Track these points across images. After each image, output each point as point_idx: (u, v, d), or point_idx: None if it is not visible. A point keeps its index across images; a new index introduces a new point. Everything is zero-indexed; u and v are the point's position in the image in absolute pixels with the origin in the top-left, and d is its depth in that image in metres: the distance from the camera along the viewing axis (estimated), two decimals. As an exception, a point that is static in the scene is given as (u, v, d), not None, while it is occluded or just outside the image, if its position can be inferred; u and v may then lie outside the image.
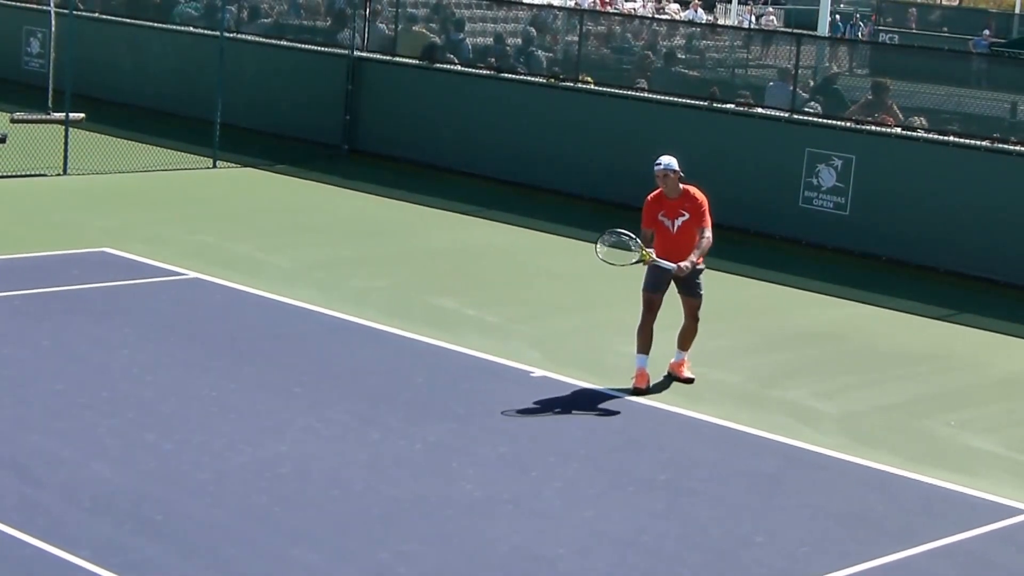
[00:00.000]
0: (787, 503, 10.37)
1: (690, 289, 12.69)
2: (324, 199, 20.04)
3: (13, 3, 27.05)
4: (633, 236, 12.48)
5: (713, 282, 16.83)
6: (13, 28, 26.43)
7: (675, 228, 12.48)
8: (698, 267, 12.57)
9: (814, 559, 9.44)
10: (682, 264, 12.33)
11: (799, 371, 13.70)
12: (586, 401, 12.23)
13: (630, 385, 12.43)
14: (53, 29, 20.60)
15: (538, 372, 12.84)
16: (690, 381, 12.73)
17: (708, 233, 12.46)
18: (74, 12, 21.13)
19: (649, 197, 12.70)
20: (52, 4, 20.91)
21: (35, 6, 25.96)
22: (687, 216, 12.44)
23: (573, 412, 11.98)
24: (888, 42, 38.60)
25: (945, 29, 43.17)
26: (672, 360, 12.90)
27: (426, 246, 17.73)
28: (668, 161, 12.62)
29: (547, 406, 12.03)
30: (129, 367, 12.01)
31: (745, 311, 15.74)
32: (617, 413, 11.99)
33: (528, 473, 10.51)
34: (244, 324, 13.68)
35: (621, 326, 14.64)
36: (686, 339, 12.85)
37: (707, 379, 13.09)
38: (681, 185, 12.59)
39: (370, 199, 20.09)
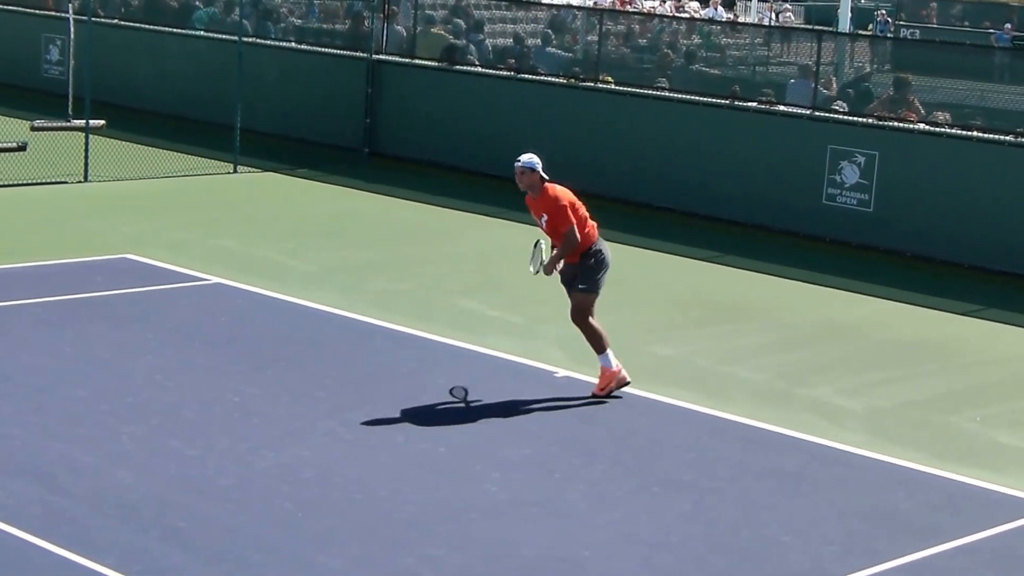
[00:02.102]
0: (813, 501, 10.30)
1: (575, 283, 12.23)
2: (345, 202, 20.03)
3: (32, 11, 27.11)
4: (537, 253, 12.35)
5: (737, 280, 16.86)
6: (32, 36, 26.48)
7: (543, 226, 12.21)
8: (585, 263, 12.11)
9: (840, 558, 9.38)
10: (546, 264, 12.17)
11: (823, 368, 13.62)
12: (611, 401, 12.17)
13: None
14: (72, 36, 20.61)
15: (562, 372, 12.79)
16: (595, 396, 12.08)
17: (570, 234, 11.97)
18: (93, 19, 21.15)
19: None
20: (71, 11, 20.92)
21: (54, 13, 26.01)
22: (546, 218, 12.09)
23: (598, 413, 11.93)
24: (909, 37, 38.45)
25: (966, 23, 42.97)
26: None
27: (448, 248, 17.70)
28: (526, 159, 12.06)
29: (572, 407, 11.99)
30: (152, 373, 12.00)
31: (769, 309, 15.67)
32: (642, 413, 11.94)
33: (553, 475, 10.46)
34: (266, 329, 13.66)
35: (647, 326, 14.61)
36: (588, 343, 12.19)
37: (732, 377, 13.03)
38: (545, 186, 12.08)
39: (391, 202, 20.08)
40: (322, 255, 16.73)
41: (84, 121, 20.14)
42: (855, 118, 18.81)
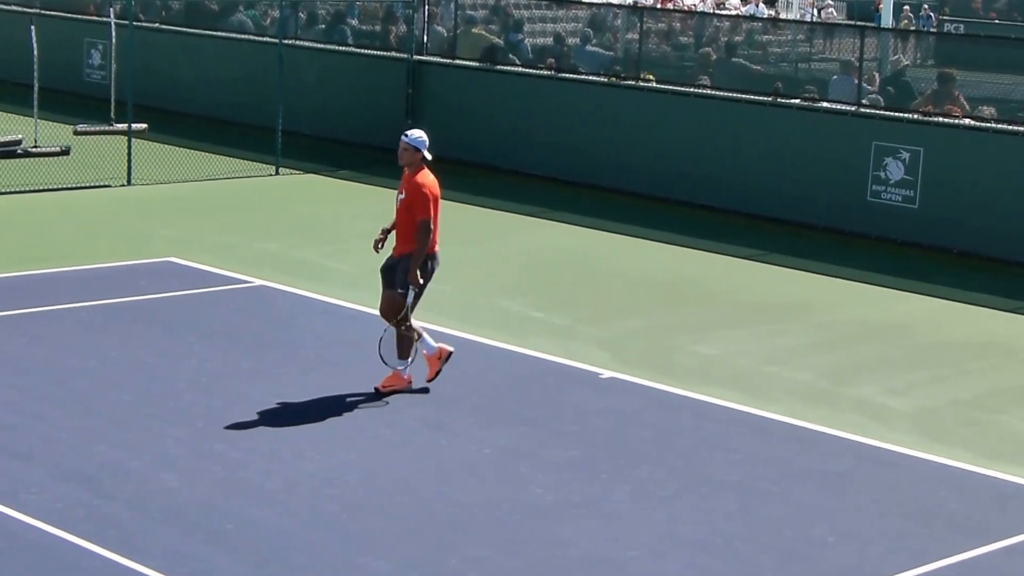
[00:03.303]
0: (859, 502, 10.23)
1: (397, 283, 11.80)
2: (387, 204, 19.99)
3: (74, 16, 27.25)
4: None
5: (780, 279, 16.77)
6: (75, 40, 26.62)
7: (397, 203, 11.95)
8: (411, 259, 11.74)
9: (887, 558, 9.31)
10: (411, 283, 11.71)
11: (869, 367, 13.53)
12: (656, 402, 12.14)
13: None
14: (114, 40, 20.70)
15: (607, 374, 12.75)
16: (376, 393, 11.71)
17: (425, 225, 11.70)
18: (134, 23, 21.24)
19: None
20: (113, 16, 21.01)
21: (96, 18, 26.14)
22: (403, 195, 11.84)
23: (643, 413, 11.88)
24: (953, 32, 38.17)
25: (1016, 16, 42.59)
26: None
27: (491, 248, 17.68)
28: (414, 136, 11.86)
29: (616, 408, 11.94)
30: (196, 376, 12.03)
31: (814, 307, 15.58)
32: (687, 414, 11.89)
33: (598, 476, 10.42)
34: (310, 331, 13.68)
35: (690, 326, 14.54)
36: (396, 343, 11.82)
37: (776, 377, 12.96)
38: (423, 170, 11.82)
39: (433, 203, 20.03)
40: (364, 257, 16.62)
41: (126, 125, 20.22)
42: (899, 114, 18.68)
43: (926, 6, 40.16)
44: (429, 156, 11.84)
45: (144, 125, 20.53)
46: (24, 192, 18.84)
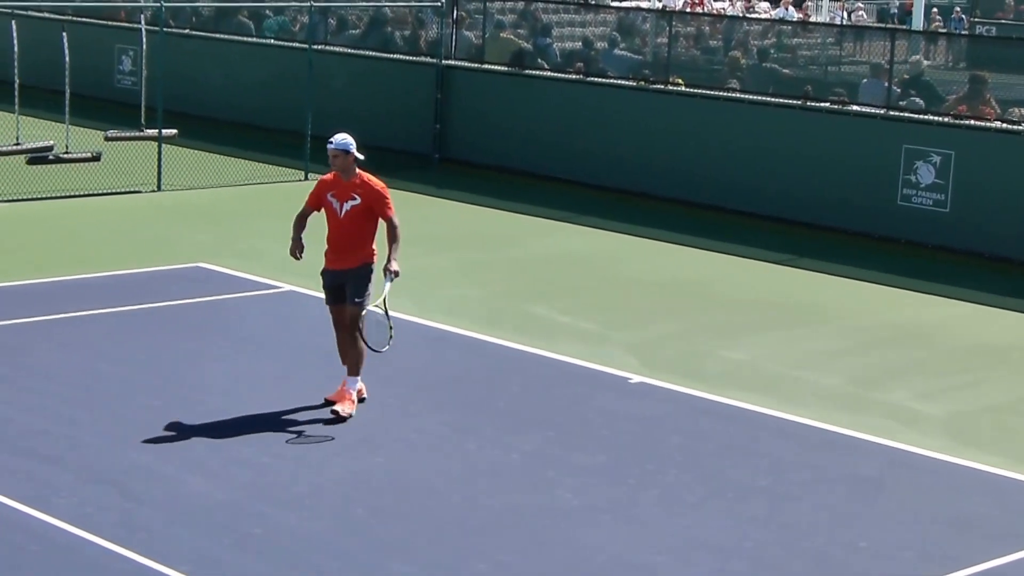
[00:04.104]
0: (890, 507, 10.17)
1: (351, 296, 11.34)
2: (416, 208, 20.03)
3: (105, 22, 27.36)
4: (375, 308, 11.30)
5: (810, 283, 16.71)
6: (106, 47, 26.72)
7: (343, 212, 11.30)
8: (363, 272, 11.34)
9: (919, 564, 9.25)
10: (393, 271, 11.20)
11: (901, 371, 13.46)
12: (684, 407, 12.10)
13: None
14: (144, 47, 20.78)
15: (635, 378, 12.71)
16: (335, 416, 11.15)
17: (395, 223, 11.27)
18: (164, 29, 21.31)
19: (325, 176, 11.65)
20: (143, 22, 21.09)
21: (127, 24, 26.24)
22: (358, 201, 11.26)
23: (671, 418, 11.85)
24: (985, 34, 38.00)
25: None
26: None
27: (519, 253, 17.67)
28: (340, 140, 11.35)
29: (644, 412, 11.91)
30: (225, 381, 12.05)
31: (844, 311, 15.51)
32: (715, 418, 11.85)
33: (626, 481, 10.39)
34: (338, 336, 13.66)
35: (718, 330, 14.50)
36: (343, 356, 11.43)
37: (806, 381, 12.90)
38: (358, 171, 11.38)
39: (462, 207, 20.08)
40: (393, 261, 16.70)
41: (157, 131, 20.29)
42: (930, 117, 18.59)
43: (957, 8, 40.00)
44: (361, 156, 11.45)
45: (174, 131, 20.61)
46: (55, 198, 18.93)
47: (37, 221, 17.90)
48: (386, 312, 11.22)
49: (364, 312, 11.28)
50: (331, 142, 11.46)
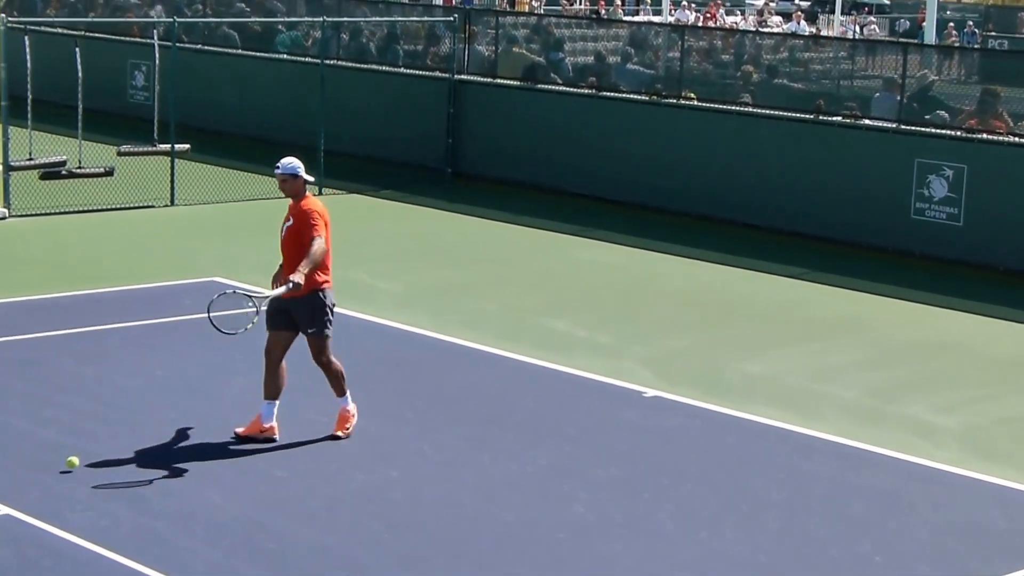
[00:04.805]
0: (906, 520, 10.14)
1: (303, 326, 11.11)
2: (430, 223, 20.07)
3: (118, 38, 27.44)
4: (250, 294, 11.16)
5: (825, 297, 16.68)
6: (119, 62, 26.80)
7: (282, 233, 11.24)
8: (314, 301, 11.05)
9: (937, 578, 9.23)
10: (292, 280, 10.78)
11: (916, 385, 13.43)
12: (699, 421, 12.08)
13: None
14: (157, 62, 20.83)
15: (650, 392, 12.70)
16: (335, 438, 11.15)
17: (317, 241, 10.90)
18: (177, 44, 21.36)
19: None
20: (156, 37, 21.15)
21: (140, 40, 26.31)
22: (291, 222, 11.15)
23: (686, 432, 11.84)
24: (997, 48, 37.98)
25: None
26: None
27: (534, 267, 17.67)
28: (287, 164, 11.23)
29: (660, 426, 11.90)
30: (241, 395, 12.04)
31: (859, 325, 15.49)
32: (731, 432, 11.83)
33: (641, 494, 10.38)
34: (355, 350, 13.64)
35: (734, 344, 14.49)
36: (266, 387, 11.17)
37: (822, 395, 12.88)
38: (307, 195, 11.28)
39: (476, 222, 20.09)
40: (408, 276, 16.75)
41: (170, 145, 20.33)
42: (942, 131, 18.58)
43: (970, 23, 40.02)
44: (310, 178, 11.41)
45: (187, 145, 20.64)
46: (69, 212, 18.97)
47: (51, 236, 17.94)
48: (256, 309, 10.87)
49: (231, 292, 11.17)
50: (277, 166, 11.28)
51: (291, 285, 10.78)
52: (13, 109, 19.03)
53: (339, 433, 11.23)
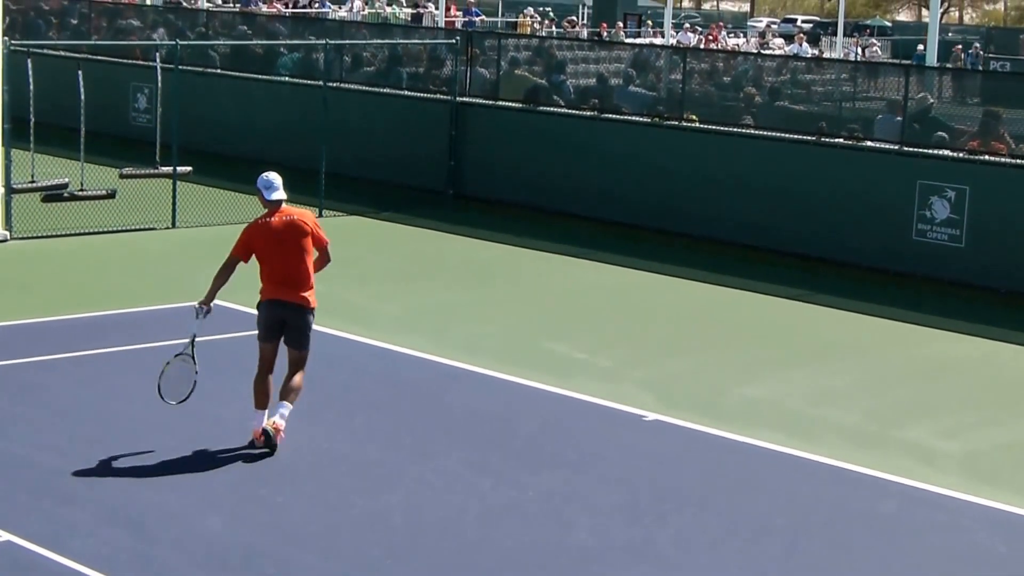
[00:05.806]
0: (907, 546, 10.12)
1: (298, 343, 11.63)
2: (431, 245, 20.06)
3: (121, 60, 27.49)
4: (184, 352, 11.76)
5: (826, 319, 16.66)
6: (121, 85, 26.85)
7: (277, 243, 12.31)
8: (309, 319, 11.61)
9: (939, 604, 9.20)
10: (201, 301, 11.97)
11: (917, 409, 13.41)
12: (700, 445, 12.06)
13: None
14: (160, 85, 20.86)
15: (651, 416, 12.68)
16: (267, 440, 11.19)
17: (227, 258, 12.26)
18: (180, 67, 21.40)
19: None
20: (159, 60, 21.18)
21: (142, 63, 26.35)
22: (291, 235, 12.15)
23: (687, 456, 11.81)
24: (999, 70, 38.02)
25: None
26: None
27: (535, 290, 17.67)
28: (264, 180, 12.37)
29: (660, 450, 11.87)
30: (242, 420, 12.01)
31: (860, 348, 15.47)
32: (732, 456, 11.80)
33: (642, 519, 10.35)
34: (355, 373, 13.68)
35: (735, 367, 14.46)
36: (291, 391, 11.46)
37: (823, 419, 12.86)
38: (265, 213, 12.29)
39: (477, 244, 20.09)
40: (409, 298, 16.74)
41: (172, 168, 20.35)
42: (944, 152, 18.58)
43: (976, 44, 40.09)
44: (278, 196, 12.45)
45: (189, 168, 20.66)
46: (70, 235, 18.97)
47: (53, 258, 17.94)
48: (194, 364, 11.56)
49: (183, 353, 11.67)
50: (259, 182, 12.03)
51: (202, 311, 11.84)
52: (15, 132, 19.03)
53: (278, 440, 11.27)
